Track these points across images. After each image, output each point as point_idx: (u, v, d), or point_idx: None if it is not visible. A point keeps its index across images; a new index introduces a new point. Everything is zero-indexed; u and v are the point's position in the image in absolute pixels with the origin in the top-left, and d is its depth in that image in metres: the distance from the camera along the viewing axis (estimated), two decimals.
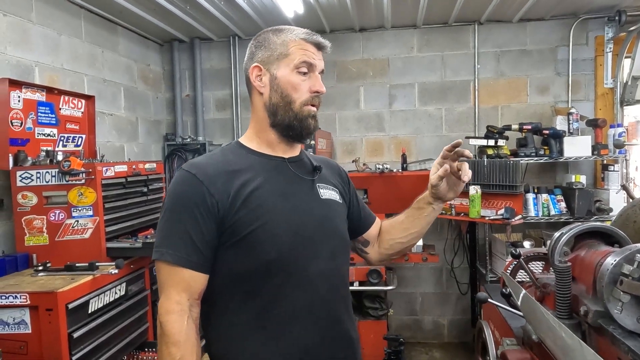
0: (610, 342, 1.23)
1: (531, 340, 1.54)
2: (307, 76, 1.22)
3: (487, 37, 4.01)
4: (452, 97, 4.09)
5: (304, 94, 1.22)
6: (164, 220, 1.16)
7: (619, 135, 3.42)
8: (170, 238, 1.13)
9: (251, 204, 1.15)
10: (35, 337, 1.92)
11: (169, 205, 1.16)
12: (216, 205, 1.12)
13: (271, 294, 1.15)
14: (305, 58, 1.21)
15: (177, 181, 1.18)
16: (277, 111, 1.22)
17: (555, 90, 3.96)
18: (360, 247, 1.48)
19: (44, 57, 2.84)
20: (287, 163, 1.26)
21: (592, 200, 3.48)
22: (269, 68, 1.23)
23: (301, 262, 1.17)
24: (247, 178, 1.17)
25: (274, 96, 1.22)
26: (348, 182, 1.46)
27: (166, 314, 1.10)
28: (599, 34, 3.86)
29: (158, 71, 4.30)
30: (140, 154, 3.92)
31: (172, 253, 1.11)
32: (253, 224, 1.13)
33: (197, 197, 1.13)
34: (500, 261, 3.50)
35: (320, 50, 1.25)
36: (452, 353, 4.03)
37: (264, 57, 1.23)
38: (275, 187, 1.20)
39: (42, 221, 2.34)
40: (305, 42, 1.22)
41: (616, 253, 1.28)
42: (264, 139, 1.26)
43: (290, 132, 1.24)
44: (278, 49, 1.22)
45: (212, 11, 3.43)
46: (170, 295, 1.11)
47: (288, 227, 1.17)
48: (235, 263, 1.15)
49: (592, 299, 1.36)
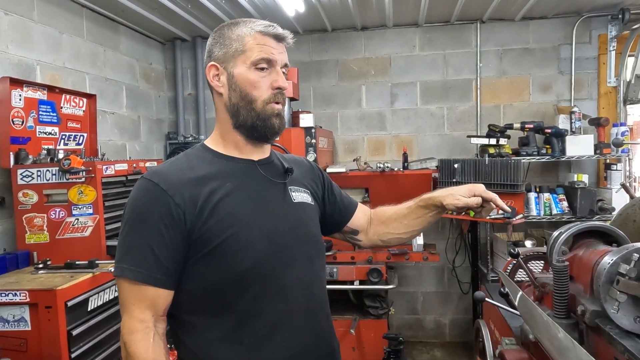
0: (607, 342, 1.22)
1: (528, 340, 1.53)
2: (267, 72, 1.14)
3: (489, 35, 4.00)
4: (454, 95, 4.08)
5: (265, 91, 1.14)
6: (124, 235, 1.08)
7: (621, 134, 3.40)
8: (132, 253, 1.05)
9: (221, 213, 1.08)
10: (35, 335, 1.93)
11: (130, 217, 1.08)
12: (182, 216, 1.05)
13: (247, 306, 1.09)
14: (263, 54, 1.12)
15: (138, 191, 1.09)
16: (238, 112, 1.15)
17: (558, 88, 3.94)
18: (350, 236, 1.45)
19: (46, 56, 2.85)
20: (257, 166, 1.19)
21: (595, 200, 3.46)
22: (226, 66, 1.15)
23: (277, 270, 1.12)
24: (215, 185, 1.10)
25: (234, 96, 1.15)
26: (322, 177, 1.41)
27: (129, 334, 1.03)
28: (602, 32, 3.84)
29: (160, 70, 4.31)
30: (142, 153, 3.93)
31: (133, 269, 1.03)
32: (224, 234, 1.07)
33: (161, 208, 1.05)
34: (501, 260, 3.49)
35: (280, 43, 1.16)
36: (453, 352, 4.02)
37: (220, 55, 1.15)
38: (245, 193, 1.13)
39: (43, 219, 2.36)
40: (262, 36, 1.13)
41: (613, 252, 1.27)
42: (229, 141, 1.19)
43: (254, 133, 1.17)
44: (234, 45, 1.14)
45: (214, 10, 3.43)
46: (133, 313, 1.04)
47: (261, 234, 1.11)
48: (207, 276, 1.08)
49: (589, 298, 1.35)
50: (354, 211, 1.44)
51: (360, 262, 3.32)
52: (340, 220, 1.42)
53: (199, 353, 1.11)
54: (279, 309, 1.12)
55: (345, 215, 1.42)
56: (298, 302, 1.15)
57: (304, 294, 1.17)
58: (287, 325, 1.13)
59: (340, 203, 1.42)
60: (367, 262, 3.31)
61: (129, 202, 1.11)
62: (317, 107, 4.18)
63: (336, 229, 1.42)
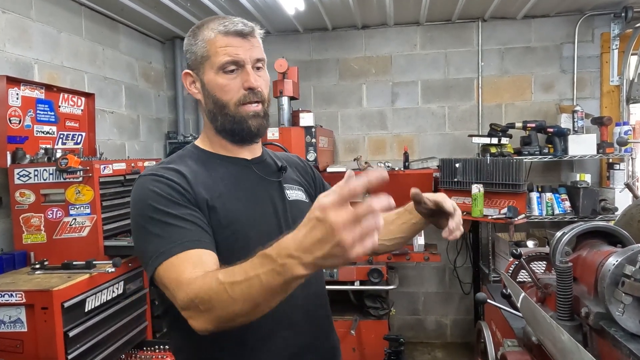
0: (612, 344, 1.20)
1: (531, 342, 1.50)
2: (236, 73, 1.10)
3: (490, 34, 3.97)
4: (456, 94, 4.05)
5: (236, 93, 1.10)
6: (144, 231, 0.99)
7: (624, 133, 3.37)
8: (165, 236, 0.96)
9: (219, 212, 1.06)
10: (31, 336, 1.91)
11: (140, 210, 1.01)
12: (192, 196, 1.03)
13: None
14: (227, 57, 1.08)
15: (140, 186, 1.05)
16: (215, 117, 1.13)
17: (560, 87, 3.91)
18: None
19: (44, 55, 2.83)
20: (251, 165, 1.18)
21: (597, 200, 3.43)
22: (198, 73, 1.13)
23: None
24: (211, 183, 1.09)
25: (208, 102, 1.13)
26: (313, 173, 1.38)
27: (188, 286, 0.87)
28: (604, 30, 3.80)
29: (160, 69, 4.29)
30: (141, 152, 3.91)
31: (173, 246, 0.94)
32: (222, 233, 1.05)
33: (171, 189, 1.02)
34: (503, 261, 3.46)
35: (246, 39, 1.10)
36: (454, 353, 3.99)
37: (191, 62, 1.14)
38: (242, 192, 1.12)
39: (40, 219, 2.34)
40: (224, 36, 1.09)
41: (618, 253, 1.24)
42: (217, 144, 1.18)
43: (235, 137, 1.15)
44: (199, 51, 1.11)
45: (214, 8, 3.42)
46: (183, 276, 0.90)
47: (259, 233, 1.08)
48: None
49: (593, 300, 1.33)
50: None
51: (361, 263, 3.29)
52: None
53: (200, 355, 1.08)
54: (280, 310, 1.06)
55: None
56: (298, 302, 1.13)
57: (303, 293, 1.14)
58: (288, 324, 1.11)
59: None
60: (367, 262, 3.29)
61: (133, 201, 1.05)
62: (317, 106, 4.15)
63: None
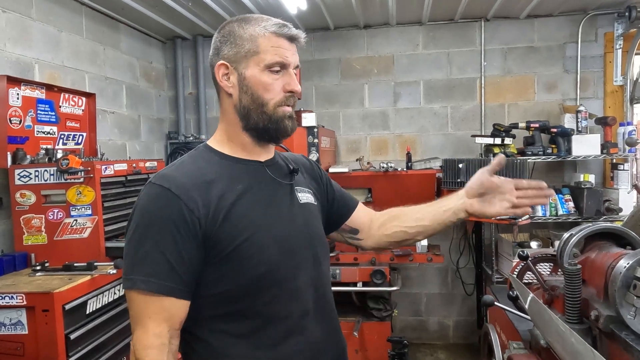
0: (623, 348, 1.18)
1: (539, 345, 1.48)
2: (279, 74, 1.10)
3: (493, 33, 3.95)
4: (458, 94, 4.03)
5: (278, 94, 1.10)
6: (134, 243, 1.01)
7: (629, 133, 3.35)
8: (144, 264, 0.99)
9: (234, 217, 1.04)
10: (31, 338, 1.89)
11: (139, 225, 1.02)
12: (197, 222, 1.01)
13: (263, 311, 1.07)
14: (277, 58, 1.09)
15: (147, 197, 1.04)
16: (249, 114, 1.11)
17: (564, 87, 3.89)
18: (350, 235, 1.39)
19: (44, 54, 2.82)
20: (264, 167, 1.17)
21: (601, 200, 3.41)
22: (237, 67, 1.10)
23: (289, 273, 1.09)
24: (225, 188, 1.07)
25: (244, 98, 1.11)
26: (321, 175, 1.37)
27: (144, 349, 0.97)
28: (608, 30, 3.78)
29: (160, 69, 4.27)
30: (142, 153, 3.89)
31: (145, 280, 0.98)
32: (238, 238, 1.04)
33: (174, 214, 1.00)
34: (506, 262, 3.44)
35: (293, 43, 1.12)
36: (457, 354, 3.97)
37: (231, 54, 1.11)
38: (256, 195, 1.11)
39: (41, 220, 2.32)
40: (276, 37, 1.09)
41: (629, 255, 1.22)
42: (237, 143, 1.15)
43: (265, 136, 1.14)
44: (246, 45, 1.09)
45: (215, 8, 3.40)
46: (148, 327, 0.98)
47: (274, 238, 1.08)
48: (221, 283, 1.04)
49: (603, 303, 1.31)
50: (353, 209, 1.39)
51: (364, 264, 3.27)
52: (337, 219, 1.37)
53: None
54: (293, 313, 1.10)
55: (343, 213, 1.38)
56: (308, 306, 1.13)
57: (314, 296, 1.15)
58: (300, 328, 1.11)
59: (340, 199, 1.38)
60: (370, 263, 3.27)
61: (137, 209, 1.05)
62: (319, 106, 4.13)
63: (334, 226, 1.37)
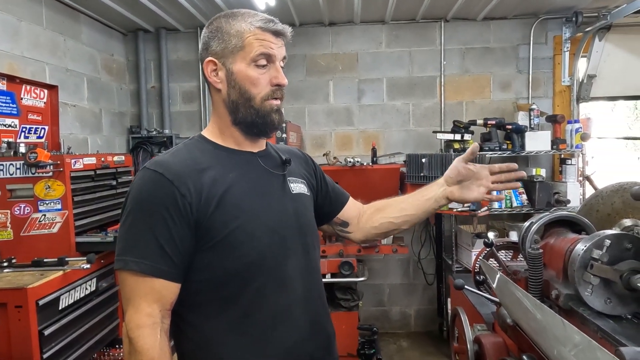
0: (580, 322, 1.31)
1: (505, 324, 1.61)
2: (266, 68, 1.13)
3: (452, 34, 4.12)
4: (419, 92, 4.18)
5: (264, 88, 1.14)
6: (127, 226, 1.05)
7: (576, 130, 3.61)
8: (136, 245, 1.03)
9: (226, 204, 1.08)
10: (3, 336, 1.84)
11: (133, 208, 1.06)
12: (189, 207, 1.04)
13: (252, 298, 1.09)
14: (263, 50, 1.11)
15: (141, 182, 1.07)
16: (237, 109, 1.15)
17: (517, 87, 4.12)
18: (340, 228, 1.45)
19: (3, 44, 2.71)
20: (257, 158, 1.20)
21: (551, 193, 3.65)
22: (225, 62, 1.13)
23: (279, 261, 1.13)
24: (218, 176, 1.10)
25: (233, 93, 1.14)
26: (314, 167, 1.42)
27: (137, 329, 1.00)
28: (557, 33, 4.04)
29: (122, 62, 4.17)
30: (104, 147, 3.79)
31: (138, 261, 1.01)
32: (230, 225, 1.07)
33: (167, 198, 1.03)
34: (465, 252, 3.62)
35: (279, 37, 1.15)
36: (418, 342, 4.13)
37: (218, 50, 1.14)
38: (248, 184, 1.14)
39: (6, 215, 2.23)
40: (262, 31, 1.12)
41: (586, 239, 1.35)
42: (228, 136, 1.19)
43: (254, 130, 1.18)
44: (232, 41, 1.12)
45: (181, 1, 3.36)
46: (140, 307, 1.01)
47: (265, 226, 1.12)
48: (212, 268, 1.07)
49: (562, 283, 1.44)
50: (345, 202, 1.45)
51: (332, 256, 3.36)
52: (330, 211, 1.43)
53: (203, 346, 1.10)
54: (281, 300, 1.13)
55: (335, 206, 1.43)
56: (297, 294, 1.16)
57: (303, 285, 1.18)
58: (288, 315, 1.14)
59: (332, 193, 1.43)
60: (338, 255, 3.36)
61: (131, 193, 1.08)
62: (285, 101, 4.05)
63: (326, 219, 1.43)
